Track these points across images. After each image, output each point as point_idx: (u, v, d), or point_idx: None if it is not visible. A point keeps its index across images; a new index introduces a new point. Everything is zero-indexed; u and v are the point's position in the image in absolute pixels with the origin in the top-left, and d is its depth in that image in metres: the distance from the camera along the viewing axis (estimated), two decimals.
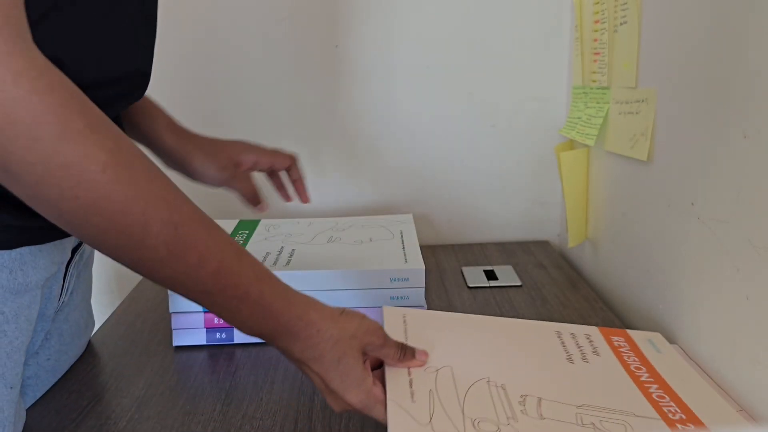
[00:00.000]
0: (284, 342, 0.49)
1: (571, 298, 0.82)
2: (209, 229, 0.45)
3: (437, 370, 0.54)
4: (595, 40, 0.83)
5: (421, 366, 0.55)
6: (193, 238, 0.43)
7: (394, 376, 0.53)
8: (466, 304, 0.81)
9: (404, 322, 0.61)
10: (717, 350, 0.59)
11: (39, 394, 0.63)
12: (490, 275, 0.90)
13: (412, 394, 0.50)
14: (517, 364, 0.57)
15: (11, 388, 0.53)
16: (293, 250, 0.78)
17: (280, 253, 0.77)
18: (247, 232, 0.86)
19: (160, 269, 0.43)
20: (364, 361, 0.51)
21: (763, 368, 0.52)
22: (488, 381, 0.53)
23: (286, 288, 0.49)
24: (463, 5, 0.98)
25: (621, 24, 0.76)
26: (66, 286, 0.63)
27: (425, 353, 0.56)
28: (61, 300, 0.63)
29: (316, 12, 0.98)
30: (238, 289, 0.46)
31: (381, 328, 0.53)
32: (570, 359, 0.58)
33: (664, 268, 0.69)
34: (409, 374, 0.53)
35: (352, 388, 0.50)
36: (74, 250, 0.63)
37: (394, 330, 0.59)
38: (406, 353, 0.54)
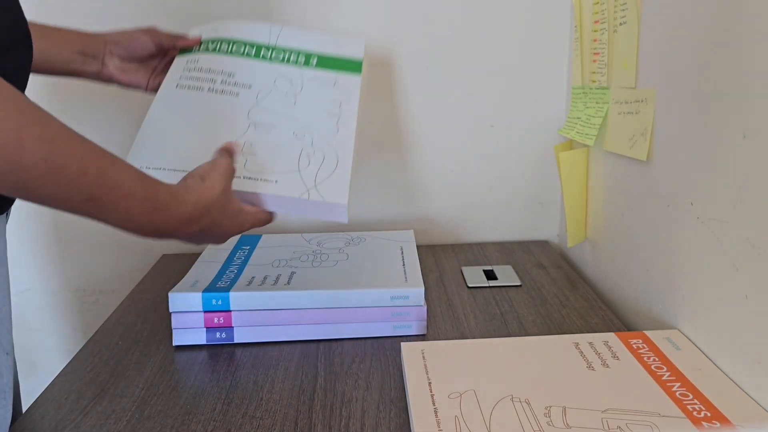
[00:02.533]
0: (181, 230, 0.55)
1: (570, 298, 0.83)
2: (81, 139, 0.46)
3: (461, 395, 0.55)
4: (595, 40, 0.84)
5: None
6: (69, 148, 0.44)
7: (419, 407, 0.54)
8: (466, 304, 0.81)
9: (423, 357, 0.62)
10: (716, 349, 0.60)
11: None
12: (490, 275, 0.90)
13: (438, 423, 0.51)
14: (538, 378, 0.58)
15: (7, 354, 0.54)
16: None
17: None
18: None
19: (43, 186, 0.44)
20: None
21: (762, 367, 0.52)
22: (512, 398, 0.54)
23: (161, 182, 0.53)
24: (462, 5, 0.98)
25: (620, 24, 0.76)
26: None
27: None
28: None
29: (316, 12, 0.98)
30: (122, 189, 0.48)
31: (230, 162, 0.62)
32: (590, 367, 0.59)
33: (664, 267, 0.69)
34: (434, 403, 0.54)
35: (246, 220, 0.63)
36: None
37: (414, 364, 0.61)
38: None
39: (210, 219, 0.58)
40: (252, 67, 0.76)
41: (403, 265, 0.79)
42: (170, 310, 0.70)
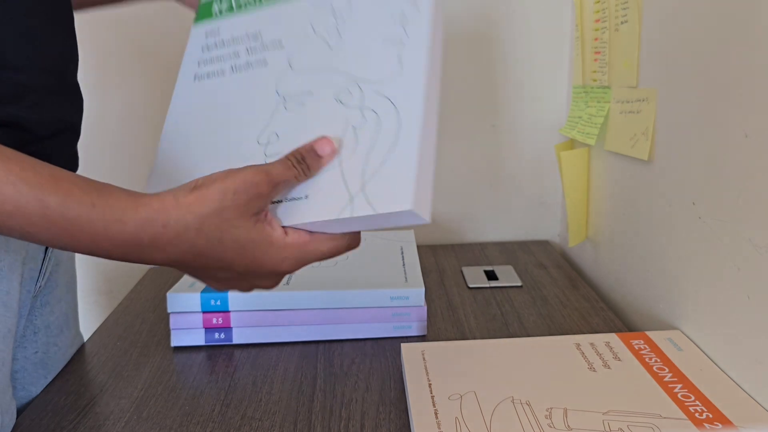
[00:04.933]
0: (143, 256, 0.40)
1: (571, 298, 0.82)
2: None
3: (461, 396, 0.55)
4: (596, 39, 0.83)
5: (331, 153, 0.44)
6: None
7: (419, 409, 0.54)
8: (466, 304, 0.81)
9: (423, 358, 0.62)
10: (718, 350, 0.59)
11: (30, 390, 0.63)
12: (491, 275, 0.90)
13: (439, 425, 0.51)
14: (539, 379, 0.57)
15: None
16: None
17: None
18: None
19: None
20: (262, 215, 0.42)
21: (764, 367, 0.52)
22: (512, 399, 0.54)
23: (107, 195, 0.39)
24: (462, 5, 0.98)
25: (622, 23, 0.76)
26: (44, 271, 0.61)
27: (325, 140, 0.45)
28: (38, 285, 0.61)
29: None
30: (48, 220, 0.37)
31: (259, 170, 0.41)
32: (592, 368, 0.59)
33: (665, 267, 0.69)
34: (434, 404, 0.54)
35: (266, 259, 0.41)
36: None
37: (414, 365, 0.60)
38: (305, 164, 0.44)
39: (181, 251, 0.40)
40: (281, 14, 0.56)
41: (403, 265, 0.78)
42: (168, 311, 0.70)
